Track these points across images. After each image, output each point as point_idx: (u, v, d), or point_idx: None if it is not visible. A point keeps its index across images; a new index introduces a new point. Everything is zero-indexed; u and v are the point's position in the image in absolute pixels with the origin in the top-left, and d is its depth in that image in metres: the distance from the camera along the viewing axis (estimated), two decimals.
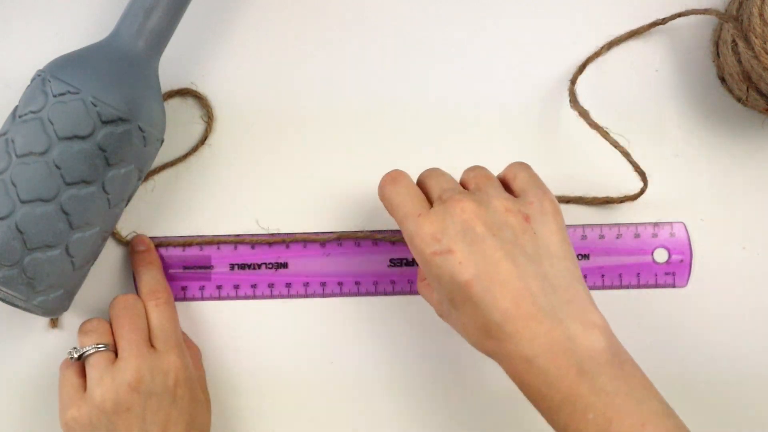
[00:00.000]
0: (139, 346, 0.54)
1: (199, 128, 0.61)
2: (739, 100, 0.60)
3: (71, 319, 0.60)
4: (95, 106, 0.53)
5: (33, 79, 0.54)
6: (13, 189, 0.52)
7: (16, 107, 0.54)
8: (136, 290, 0.59)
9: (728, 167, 0.61)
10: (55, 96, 0.53)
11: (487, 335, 0.48)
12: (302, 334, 0.61)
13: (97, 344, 0.55)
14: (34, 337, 0.60)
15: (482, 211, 0.49)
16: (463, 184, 0.53)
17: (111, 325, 0.56)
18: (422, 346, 0.61)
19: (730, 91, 0.60)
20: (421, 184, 0.53)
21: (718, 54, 0.60)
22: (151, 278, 0.58)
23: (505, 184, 0.53)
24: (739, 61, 0.56)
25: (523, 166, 0.53)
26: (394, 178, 0.52)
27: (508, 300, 0.47)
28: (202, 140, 0.61)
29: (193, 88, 0.61)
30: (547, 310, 0.47)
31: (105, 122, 0.53)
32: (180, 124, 0.61)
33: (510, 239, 0.49)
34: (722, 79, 0.60)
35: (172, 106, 0.61)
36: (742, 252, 0.61)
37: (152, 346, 0.55)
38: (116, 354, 0.55)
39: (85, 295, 0.60)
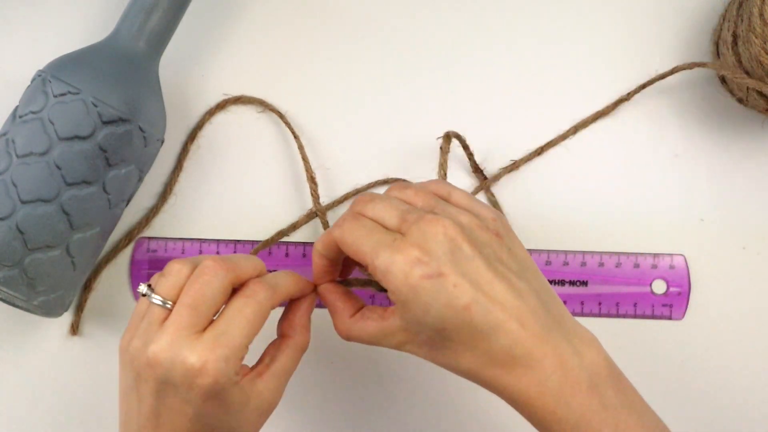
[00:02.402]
0: (185, 326, 0.47)
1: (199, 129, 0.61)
2: (739, 100, 0.60)
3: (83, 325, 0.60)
4: (96, 106, 0.52)
5: (33, 80, 0.54)
6: (13, 189, 0.52)
7: (17, 107, 0.54)
8: None
9: (728, 167, 0.61)
10: (55, 96, 0.53)
11: (490, 363, 0.45)
12: None
13: (163, 299, 0.48)
14: (51, 343, 0.60)
15: (460, 229, 0.46)
16: (409, 204, 0.49)
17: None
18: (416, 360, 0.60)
19: (730, 91, 0.60)
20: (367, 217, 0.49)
21: (718, 54, 0.60)
22: (278, 275, 0.51)
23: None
24: (739, 61, 0.56)
25: (446, 183, 0.51)
26: (354, 216, 0.48)
27: (512, 321, 0.45)
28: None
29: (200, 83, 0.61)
30: (549, 327, 0.45)
31: (105, 122, 0.53)
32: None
33: (494, 257, 0.46)
34: (722, 79, 0.60)
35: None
36: (742, 252, 0.61)
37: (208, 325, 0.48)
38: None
39: (88, 295, 0.60)
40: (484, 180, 0.60)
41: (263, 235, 0.60)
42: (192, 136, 0.60)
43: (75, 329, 0.60)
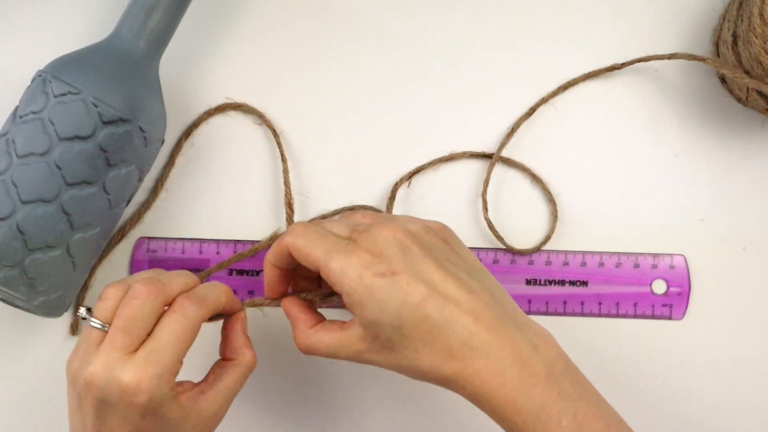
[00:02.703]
0: (118, 348, 0.48)
1: (199, 129, 0.61)
2: (739, 100, 0.60)
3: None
4: (96, 106, 0.52)
5: (33, 80, 0.54)
6: (14, 189, 0.52)
7: (17, 107, 0.54)
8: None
9: (728, 167, 0.61)
10: (55, 96, 0.52)
11: (448, 357, 0.46)
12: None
13: (101, 323, 0.49)
14: (51, 343, 0.60)
15: (409, 233, 0.48)
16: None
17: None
18: None
19: (730, 91, 0.60)
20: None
21: (718, 54, 0.60)
22: (205, 286, 0.51)
23: None
24: (740, 61, 0.56)
25: (382, 212, 0.53)
26: (304, 223, 0.50)
27: (466, 315, 0.46)
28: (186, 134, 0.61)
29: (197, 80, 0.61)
30: (504, 321, 0.47)
31: (106, 123, 0.53)
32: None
33: (443, 257, 0.48)
34: (722, 79, 0.60)
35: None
36: (742, 252, 0.61)
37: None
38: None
39: (85, 294, 0.60)
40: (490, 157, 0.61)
41: (261, 235, 0.60)
42: (187, 133, 0.60)
43: (74, 329, 0.60)
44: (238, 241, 0.60)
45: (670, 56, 0.59)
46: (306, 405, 0.60)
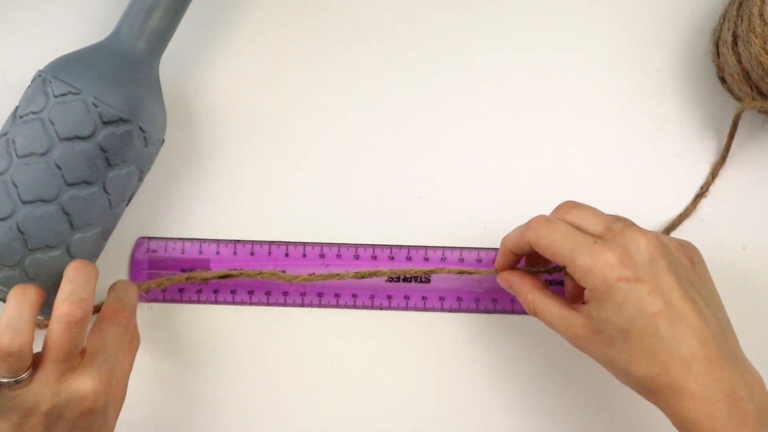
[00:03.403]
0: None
1: (200, 129, 0.61)
2: (739, 100, 0.60)
3: None
4: (96, 106, 0.52)
5: (33, 80, 0.54)
6: (14, 189, 0.52)
7: (17, 107, 0.54)
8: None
9: (728, 167, 0.61)
10: (56, 96, 0.52)
11: (665, 373, 0.47)
12: (297, 344, 0.60)
13: (16, 378, 0.50)
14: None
15: (660, 244, 0.49)
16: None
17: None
18: (416, 361, 0.60)
19: (730, 91, 0.60)
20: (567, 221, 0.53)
21: (718, 54, 0.60)
22: (121, 288, 0.55)
23: None
24: (739, 61, 0.56)
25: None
26: (547, 219, 0.52)
27: (694, 339, 0.47)
28: None
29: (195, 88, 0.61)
30: (726, 356, 0.48)
31: (106, 123, 0.53)
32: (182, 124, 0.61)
33: (686, 277, 0.49)
34: (722, 79, 0.60)
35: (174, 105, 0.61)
36: (742, 252, 0.61)
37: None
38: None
39: None
40: None
41: (261, 235, 0.60)
42: None
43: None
44: (238, 241, 0.60)
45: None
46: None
